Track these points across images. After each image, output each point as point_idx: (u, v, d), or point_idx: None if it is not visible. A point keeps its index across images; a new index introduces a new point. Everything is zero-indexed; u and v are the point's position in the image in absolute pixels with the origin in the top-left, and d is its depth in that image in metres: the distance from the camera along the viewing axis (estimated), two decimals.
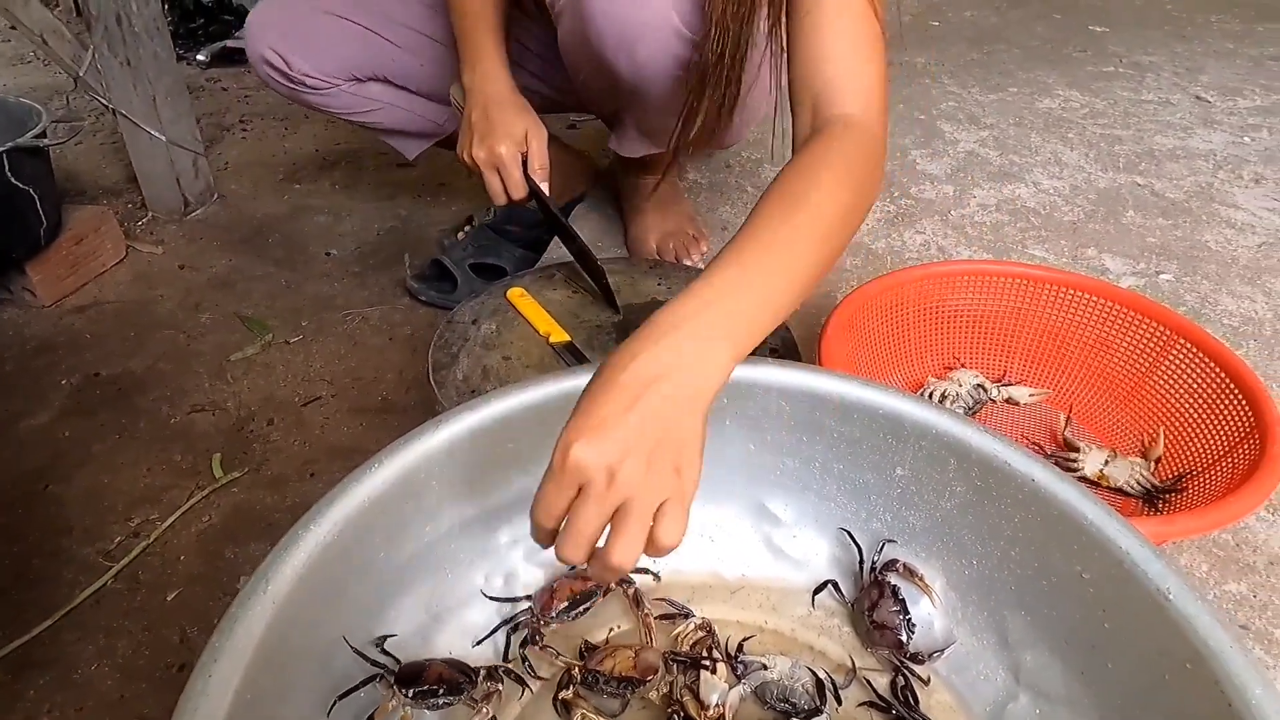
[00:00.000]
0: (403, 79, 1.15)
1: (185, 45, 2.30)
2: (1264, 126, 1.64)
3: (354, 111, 1.16)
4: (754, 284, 0.52)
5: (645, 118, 0.97)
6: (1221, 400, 0.78)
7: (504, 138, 0.89)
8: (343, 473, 0.97)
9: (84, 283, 1.32)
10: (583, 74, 0.95)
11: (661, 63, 0.85)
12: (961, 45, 2.07)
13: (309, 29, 1.08)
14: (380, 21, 1.10)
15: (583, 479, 0.45)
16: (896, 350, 0.92)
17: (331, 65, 1.10)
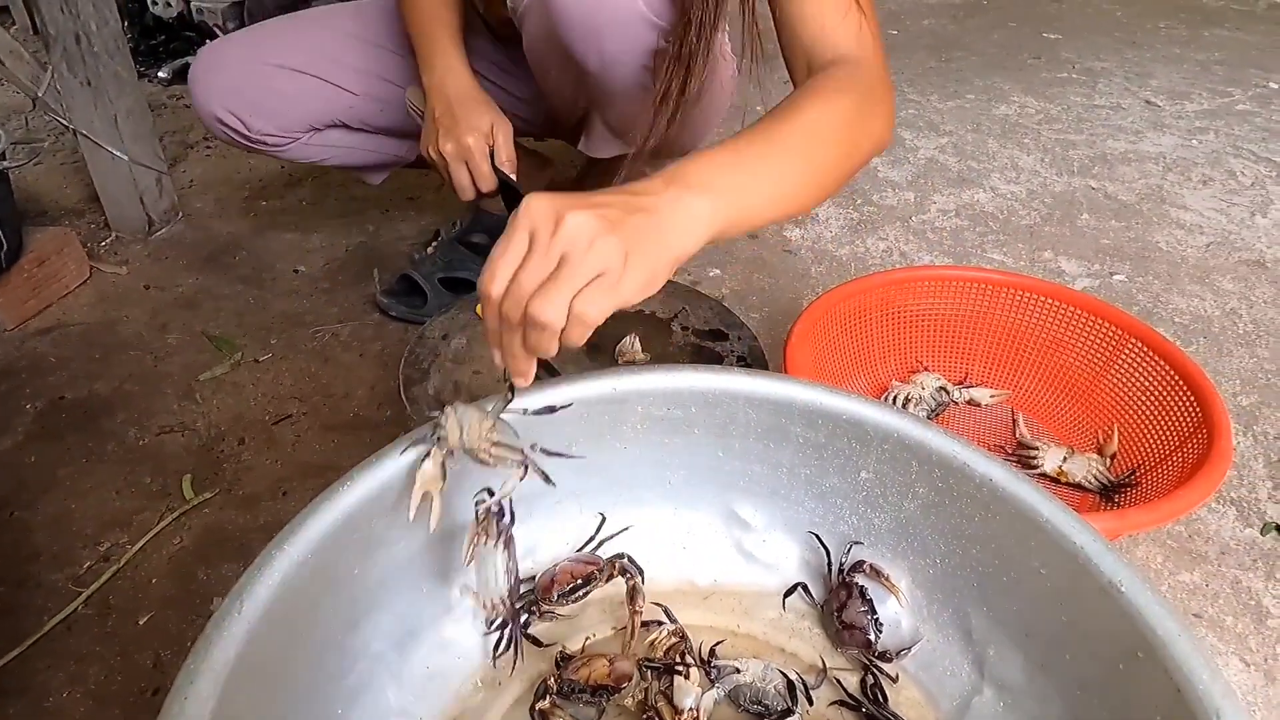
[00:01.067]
0: (360, 122, 1.15)
1: (146, 62, 2.28)
2: (1211, 129, 1.70)
3: (314, 158, 1.17)
4: (745, 165, 0.56)
5: (615, 113, 0.97)
6: (1171, 397, 0.80)
7: (470, 130, 0.89)
8: (315, 491, 0.97)
9: (47, 305, 1.31)
10: (551, 74, 0.95)
11: (631, 53, 0.85)
12: (921, 53, 2.12)
13: (262, 87, 1.07)
14: (332, 69, 1.10)
15: (531, 226, 0.47)
16: (860, 355, 0.94)
17: (289, 121, 1.10)
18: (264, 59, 1.08)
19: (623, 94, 0.91)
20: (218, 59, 1.08)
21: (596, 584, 0.64)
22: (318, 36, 1.10)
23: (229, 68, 1.07)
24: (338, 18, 1.13)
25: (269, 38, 1.11)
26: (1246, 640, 0.70)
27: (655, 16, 0.82)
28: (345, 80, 1.10)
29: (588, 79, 0.90)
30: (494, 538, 0.56)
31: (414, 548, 0.61)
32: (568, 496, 0.68)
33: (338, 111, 1.13)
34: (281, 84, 1.08)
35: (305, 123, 1.11)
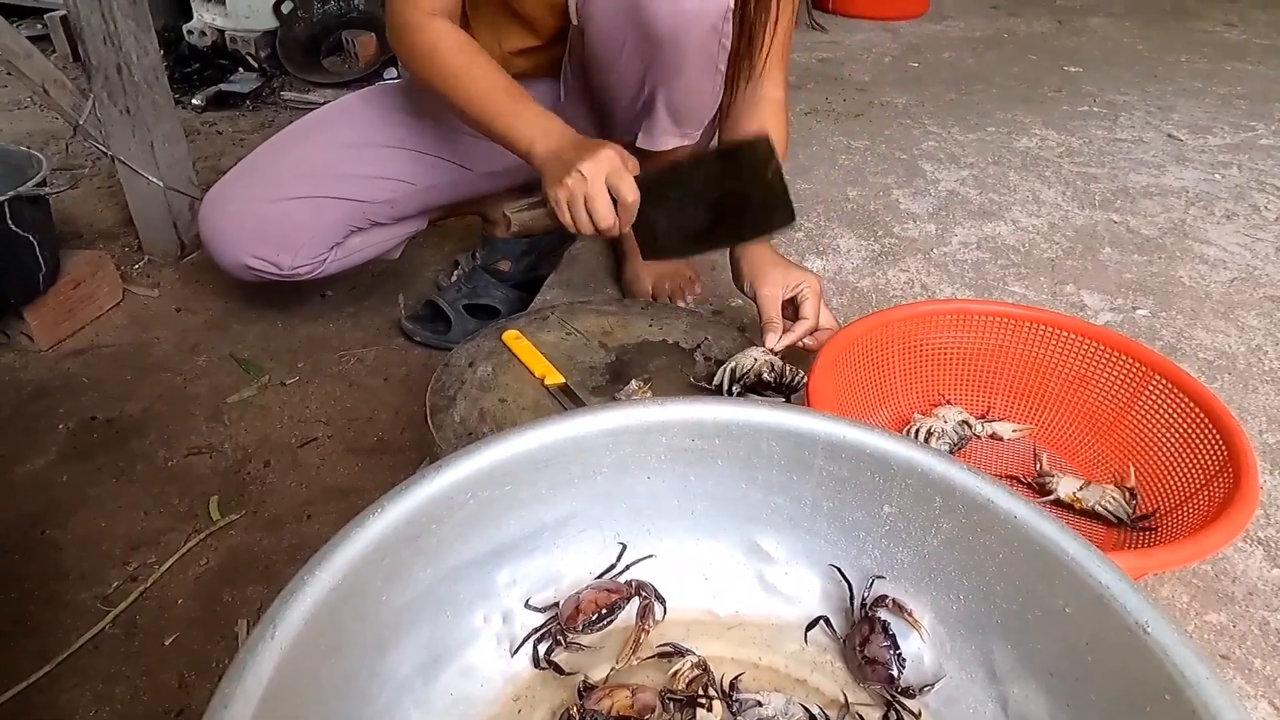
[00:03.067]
0: (373, 222, 1.19)
1: (181, 89, 2.34)
2: (1234, 164, 1.69)
3: (343, 269, 1.21)
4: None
5: (680, 91, 0.97)
6: (1197, 435, 0.80)
7: (599, 148, 0.85)
8: (339, 514, 0.99)
9: (81, 326, 1.34)
10: (620, 61, 0.95)
11: (705, 13, 0.89)
12: (940, 86, 2.13)
13: (279, 225, 1.11)
14: (340, 184, 1.12)
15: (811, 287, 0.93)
16: (883, 388, 0.95)
17: (315, 248, 1.14)
18: (272, 195, 1.11)
19: (692, 60, 0.93)
20: (227, 207, 1.11)
21: (620, 612, 0.65)
22: (317, 156, 1.13)
23: (243, 214, 1.10)
24: (331, 130, 1.15)
25: (266, 170, 1.13)
26: (1275, 683, 0.69)
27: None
28: (355, 191, 1.13)
29: (661, 51, 0.91)
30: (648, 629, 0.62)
31: (440, 574, 0.62)
32: (591, 525, 0.68)
33: (354, 221, 1.16)
34: (299, 215, 1.11)
35: (328, 242, 1.15)
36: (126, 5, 1.33)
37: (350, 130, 1.15)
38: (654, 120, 1.00)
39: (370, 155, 1.14)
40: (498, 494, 0.62)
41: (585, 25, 0.94)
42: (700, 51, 0.92)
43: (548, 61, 1.12)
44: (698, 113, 1.00)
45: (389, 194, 1.16)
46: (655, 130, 1.01)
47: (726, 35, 0.93)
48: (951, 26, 2.73)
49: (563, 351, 0.94)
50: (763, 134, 0.85)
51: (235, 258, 1.11)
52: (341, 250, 1.19)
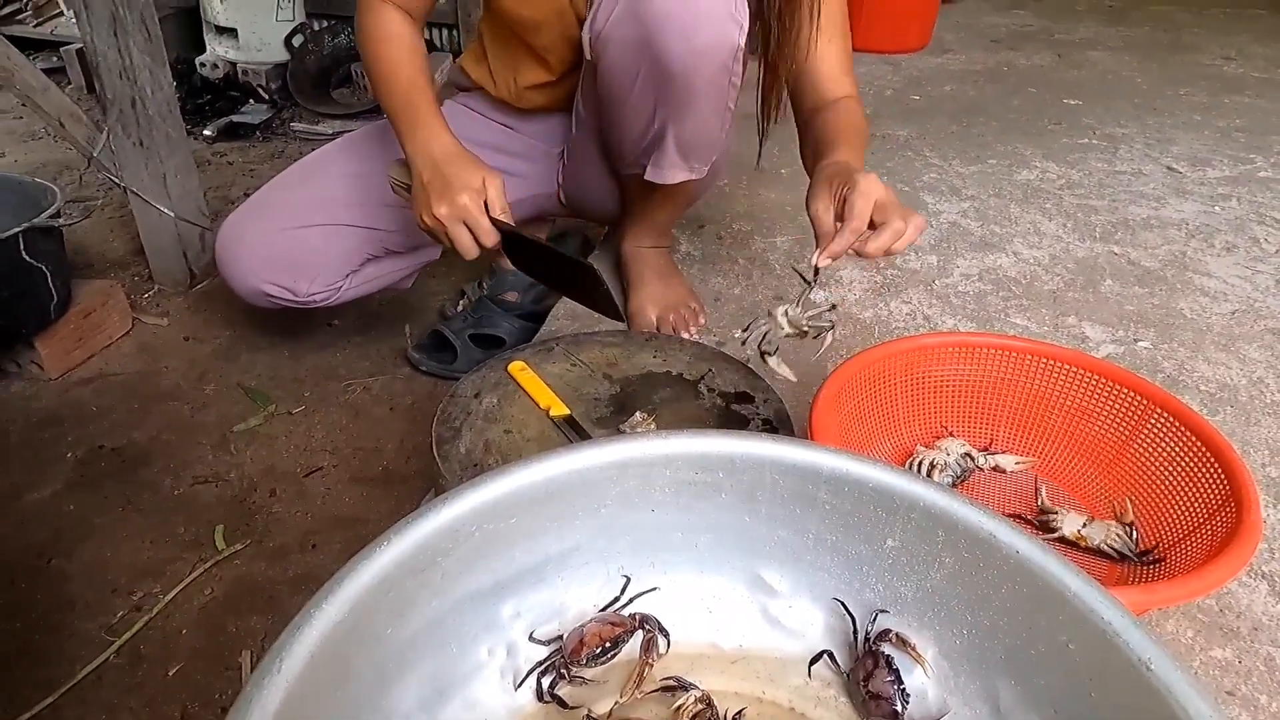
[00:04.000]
0: (386, 249, 1.20)
1: (192, 120, 2.38)
2: (1233, 196, 1.71)
3: (358, 296, 1.22)
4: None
5: (690, 125, 0.99)
6: (1199, 469, 0.80)
7: (462, 189, 0.89)
8: (344, 543, 0.99)
9: (90, 355, 1.35)
10: (632, 94, 0.97)
11: (718, 49, 0.90)
12: (942, 119, 2.15)
13: (295, 252, 1.12)
14: (354, 213, 1.14)
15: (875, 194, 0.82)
16: (885, 420, 0.95)
17: (331, 274, 1.15)
18: (289, 224, 1.12)
19: (702, 96, 0.95)
20: (244, 235, 1.13)
21: (624, 645, 0.65)
22: (333, 185, 1.15)
23: (260, 243, 1.12)
24: (347, 160, 1.18)
25: (280, 201, 1.15)
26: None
27: (739, 18, 0.90)
28: (365, 219, 1.15)
29: (672, 83, 0.93)
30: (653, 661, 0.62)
31: (444, 607, 0.62)
32: (595, 558, 0.69)
33: (369, 249, 1.18)
34: (314, 242, 1.13)
35: (344, 269, 1.17)
36: (143, 41, 1.36)
37: (365, 160, 1.17)
38: (663, 154, 1.01)
39: (379, 184, 1.16)
40: (503, 527, 0.63)
41: (598, 58, 0.96)
42: (711, 88, 0.94)
43: (562, 95, 1.14)
44: (706, 148, 1.02)
45: (401, 222, 1.18)
46: (664, 163, 1.02)
47: (737, 74, 0.95)
48: (952, 60, 2.76)
49: (568, 383, 0.95)
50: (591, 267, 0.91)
51: (252, 285, 1.13)
52: (357, 278, 1.20)
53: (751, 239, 1.48)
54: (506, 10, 1.02)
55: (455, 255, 0.93)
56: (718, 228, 1.52)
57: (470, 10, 2.61)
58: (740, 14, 0.90)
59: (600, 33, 0.93)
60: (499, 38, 1.11)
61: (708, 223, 1.53)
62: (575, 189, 1.25)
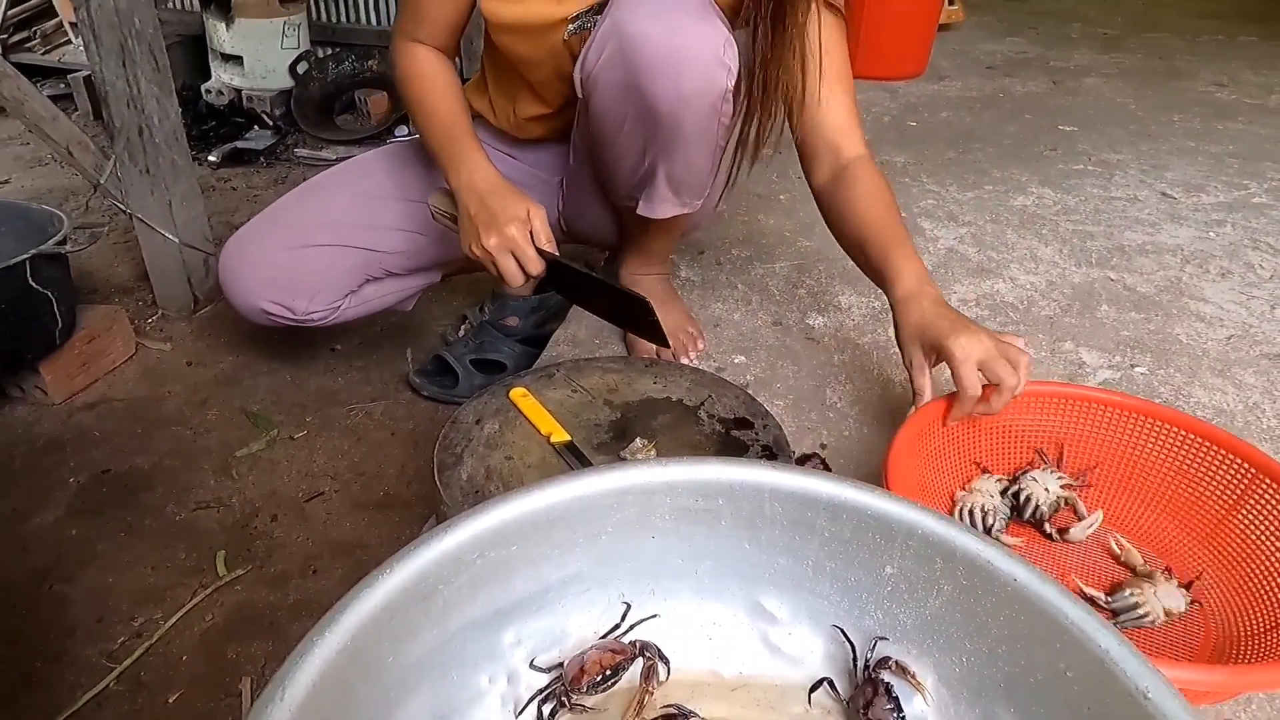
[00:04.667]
0: (388, 272, 1.22)
1: (197, 146, 2.40)
2: (1227, 222, 1.72)
3: (357, 316, 1.23)
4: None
5: (680, 163, 1.01)
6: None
7: (510, 220, 0.93)
8: (345, 569, 0.99)
9: (94, 380, 1.36)
10: (622, 133, 0.99)
11: (705, 93, 0.92)
12: (939, 145, 2.18)
13: (297, 269, 1.14)
14: (355, 233, 1.16)
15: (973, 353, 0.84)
16: (965, 466, 0.95)
17: (330, 295, 1.17)
18: (290, 243, 1.14)
19: (691, 138, 0.97)
20: (246, 252, 1.15)
21: (624, 672, 0.65)
22: (336, 206, 1.17)
23: (261, 261, 1.14)
24: (350, 183, 1.20)
25: (286, 220, 1.17)
26: None
27: (728, 62, 0.92)
28: (372, 241, 1.17)
29: (660, 125, 0.95)
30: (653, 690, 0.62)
31: (446, 635, 0.62)
32: (596, 585, 0.69)
33: (370, 270, 1.19)
34: (315, 263, 1.14)
35: (344, 289, 1.18)
36: (150, 71, 1.38)
37: (368, 183, 1.19)
38: (654, 189, 1.03)
39: (386, 207, 1.18)
40: (504, 554, 0.63)
41: (589, 98, 0.98)
42: (700, 130, 0.96)
43: (560, 127, 1.16)
44: (697, 185, 1.04)
45: (403, 245, 1.19)
46: (655, 199, 1.04)
47: (726, 114, 0.97)
48: (949, 86, 2.79)
49: (568, 409, 0.96)
50: (643, 297, 0.94)
51: (252, 303, 1.14)
52: (356, 298, 1.21)
53: (751, 264, 1.49)
54: (505, 46, 1.04)
55: (479, 284, 0.96)
56: (717, 253, 1.53)
57: (473, 38, 2.65)
58: (729, 58, 0.91)
59: (590, 74, 0.95)
60: (499, 71, 1.14)
61: (707, 248, 1.54)
62: (575, 217, 1.26)
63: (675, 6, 0.90)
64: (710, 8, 0.92)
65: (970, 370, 0.83)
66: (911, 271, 0.92)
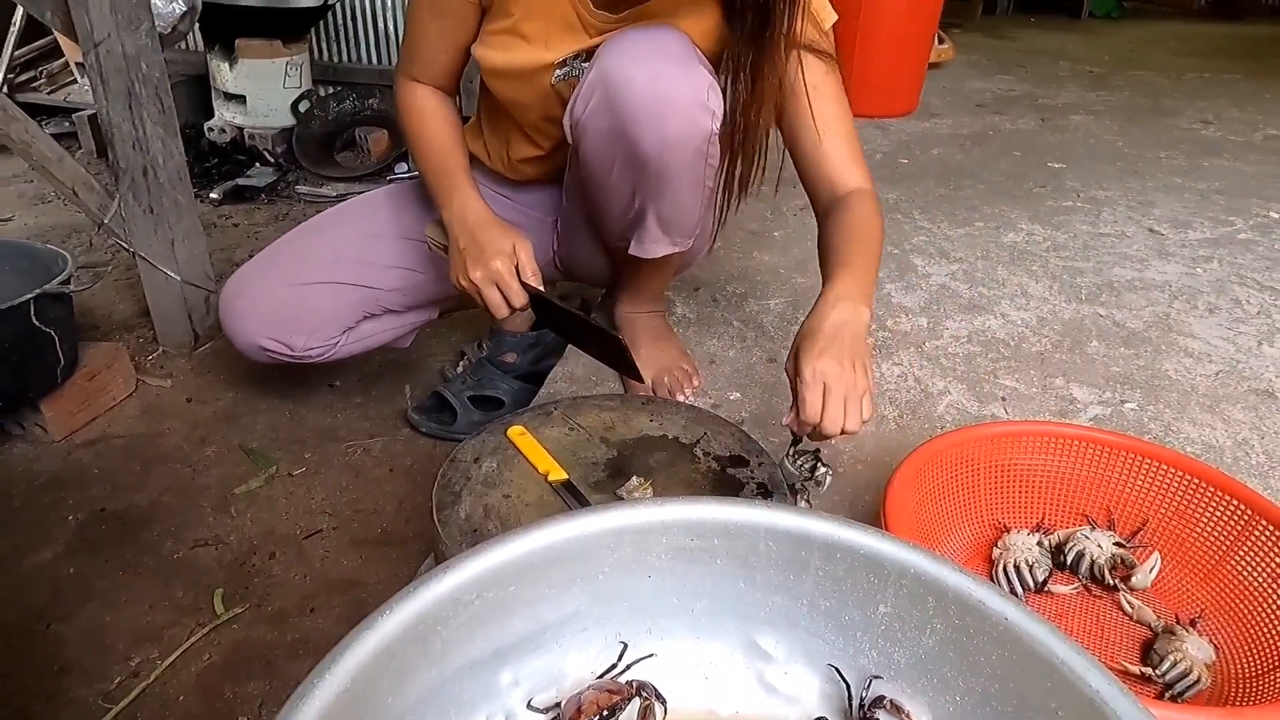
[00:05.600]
0: (385, 309, 1.24)
1: (200, 184, 2.43)
2: (1214, 258, 1.75)
3: (354, 353, 1.25)
4: (868, 279, 0.93)
5: (668, 204, 1.03)
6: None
7: (496, 254, 0.97)
8: (342, 607, 0.99)
9: (94, 417, 1.37)
10: (611, 177, 1.01)
11: (689, 136, 0.95)
12: (930, 182, 2.22)
13: (295, 307, 1.16)
14: (354, 271, 1.19)
15: (826, 379, 0.83)
16: (963, 506, 0.96)
17: (328, 331, 1.19)
18: (290, 280, 1.16)
19: (678, 180, 0.99)
20: (246, 291, 1.17)
21: (621, 712, 0.66)
22: (336, 244, 1.20)
23: (260, 299, 1.16)
24: (349, 222, 1.23)
25: (288, 257, 1.20)
26: None
27: (712, 106, 0.94)
28: (370, 279, 1.19)
29: (647, 168, 0.97)
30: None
31: (444, 675, 0.63)
32: (593, 624, 0.70)
33: (368, 307, 1.21)
34: (314, 300, 1.17)
35: (342, 326, 1.20)
36: (156, 114, 1.41)
37: (367, 222, 1.22)
38: (645, 230, 1.05)
39: (384, 245, 1.20)
40: (503, 594, 0.64)
41: (578, 145, 1.00)
42: (686, 172, 0.98)
43: (552, 169, 1.18)
44: (687, 225, 1.06)
45: (401, 282, 1.21)
46: (646, 239, 1.07)
47: (713, 157, 0.99)
48: (939, 124, 2.85)
49: (566, 447, 0.97)
50: (615, 335, 0.99)
51: (250, 339, 1.16)
52: (354, 335, 1.23)
53: (746, 301, 1.51)
54: (496, 90, 1.07)
55: (482, 314, 1.00)
56: (712, 290, 1.55)
57: (472, 75, 2.70)
58: (712, 102, 0.94)
59: (578, 121, 0.98)
60: (493, 114, 1.17)
61: (702, 285, 1.57)
62: (570, 256, 1.29)
63: (659, 54, 0.93)
64: (693, 54, 0.95)
65: (815, 396, 0.84)
66: (841, 283, 0.91)
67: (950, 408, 1.22)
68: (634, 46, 0.93)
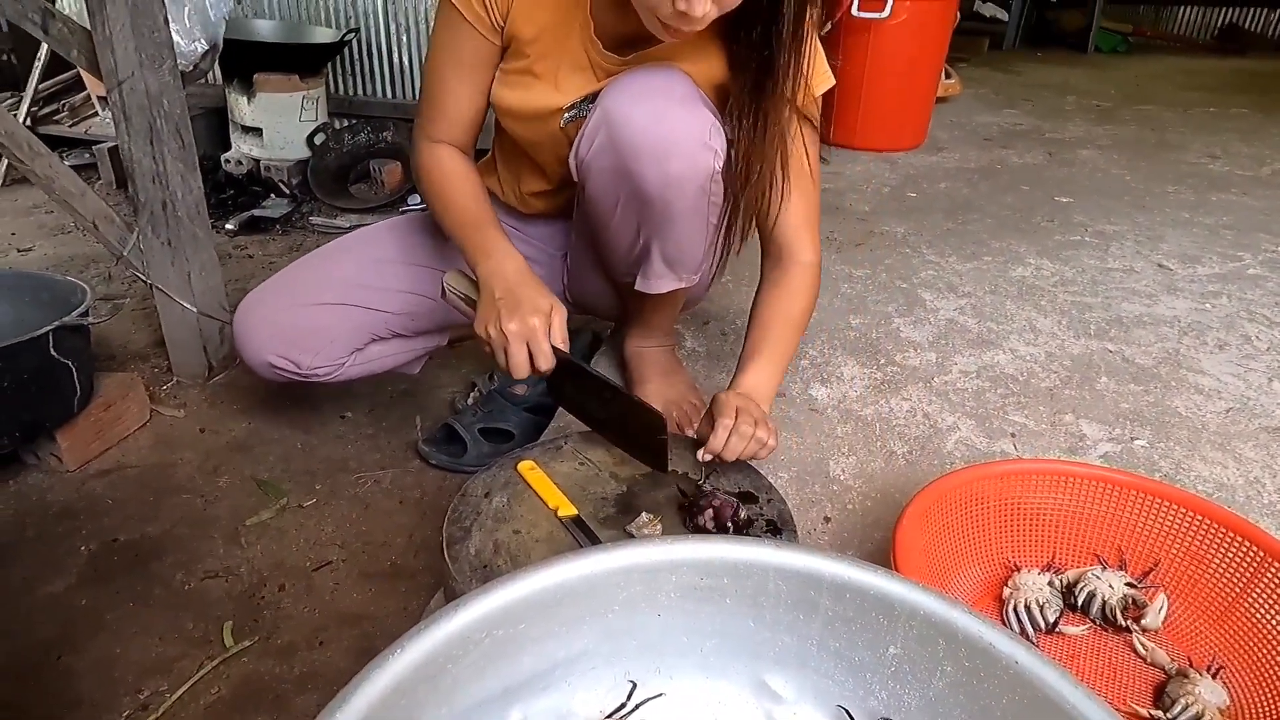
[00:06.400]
0: (394, 333, 1.26)
1: (216, 214, 2.46)
2: (1223, 293, 1.75)
3: (361, 375, 1.27)
4: (776, 373, 1.05)
5: (673, 241, 1.05)
6: None
7: (533, 311, 0.95)
8: (351, 641, 0.99)
9: (108, 447, 1.38)
10: (616, 214, 1.03)
11: (692, 174, 0.96)
12: (938, 216, 2.23)
13: (304, 327, 1.18)
14: (365, 294, 1.21)
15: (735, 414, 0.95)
16: (974, 545, 0.96)
17: (335, 351, 1.21)
18: (302, 301, 1.19)
19: (682, 217, 1.01)
20: (258, 311, 1.19)
21: None
22: (346, 268, 1.22)
23: (270, 318, 1.18)
24: (360, 248, 1.25)
25: (301, 279, 1.22)
26: None
27: (714, 145, 0.96)
28: (378, 302, 1.21)
29: (651, 206, 0.99)
30: None
31: (454, 713, 0.63)
32: (602, 663, 0.70)
33: (375, 330, 1.23)
34: (323, 320, 1.19)
35: (349, 347, 1.22)
36: (176, 149, 1.44)
37: (377, 248, 1.24)
38: (650, 266, 1.07)
39: (393, 270, 1.22)
40: (513, 632, 0.64)
41: (584, 184, 1.02)
42: (690, 210, 1.00)
43: (561, 203, 1.20)
44: (691, 260, 1.08)
45: (408, 306, 1.23)
46: (652, 275, 1.08)
47: (716, 194, 1.01)
48: (947, 158, 2.87)
49: (575, 482, 0.97)
50: (659, 413, 0.97)
51: (260, 357, 1.18)
52: (361, 356, 1.24)
53: None
54: (509, 128, 1.10)
55: (466, 345, 0.98)
56: (721, 324, 1.56)
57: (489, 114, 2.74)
58: (715, 141, 0.96)
59: (584, 161, 1.00)
60: (506, 150, 1.20)
61: (711, 319, 1.58)
62: (578, 289, 1.30)
63: (661, 94, 0.95)
64: (696, 94, 0.97)
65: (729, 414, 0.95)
66: (747, 377, 1.03)
67: (960, 444, 1.22)
68: (637, 87, 0.95)
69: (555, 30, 1.00)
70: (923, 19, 2.79)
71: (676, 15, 0.83)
